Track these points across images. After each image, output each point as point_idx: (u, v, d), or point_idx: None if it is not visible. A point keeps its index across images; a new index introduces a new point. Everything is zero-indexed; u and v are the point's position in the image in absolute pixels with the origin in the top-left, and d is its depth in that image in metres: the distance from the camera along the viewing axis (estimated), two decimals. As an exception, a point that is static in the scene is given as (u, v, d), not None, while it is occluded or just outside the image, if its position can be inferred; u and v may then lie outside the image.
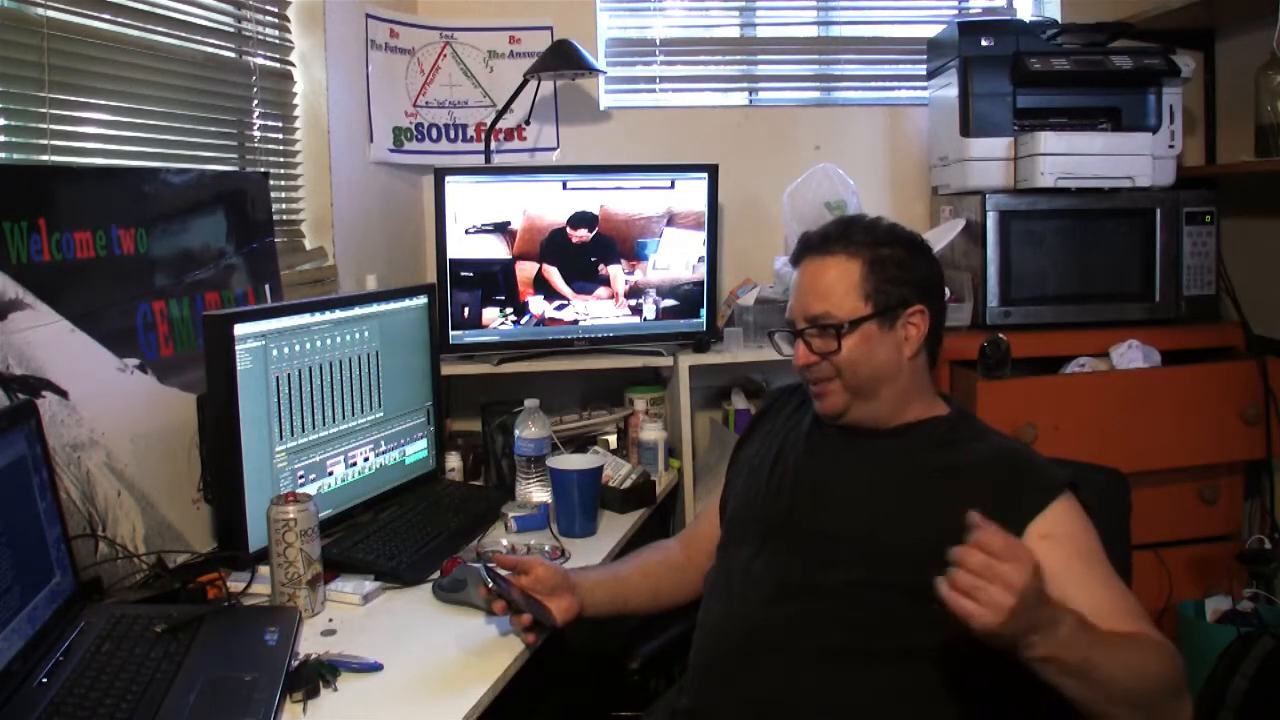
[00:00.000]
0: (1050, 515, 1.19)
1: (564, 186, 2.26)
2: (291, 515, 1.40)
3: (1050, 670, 1.02)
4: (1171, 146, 2.36)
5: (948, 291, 2.27)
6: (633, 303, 2.33)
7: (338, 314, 1.75)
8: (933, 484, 1.26)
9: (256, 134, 2.03)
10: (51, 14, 1.47)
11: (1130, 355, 2.19)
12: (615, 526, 1.87)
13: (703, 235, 2.33)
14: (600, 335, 2.32)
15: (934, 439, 1.32)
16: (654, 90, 2.74)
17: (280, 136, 2.12)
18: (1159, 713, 1.08)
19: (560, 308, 2.29)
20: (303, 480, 1.66)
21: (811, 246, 1.37)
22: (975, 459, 1.27)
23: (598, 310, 2.31)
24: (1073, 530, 1.19)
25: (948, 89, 2.43)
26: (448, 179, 2.18)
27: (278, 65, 2.12)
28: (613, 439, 2.30)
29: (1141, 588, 1.38)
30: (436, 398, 2.04)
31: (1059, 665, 1.02)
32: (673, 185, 2.30)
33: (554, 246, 2.26)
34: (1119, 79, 2.32)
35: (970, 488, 1.23)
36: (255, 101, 2.02)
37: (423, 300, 2.00)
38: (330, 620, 1.41)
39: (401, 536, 1.68)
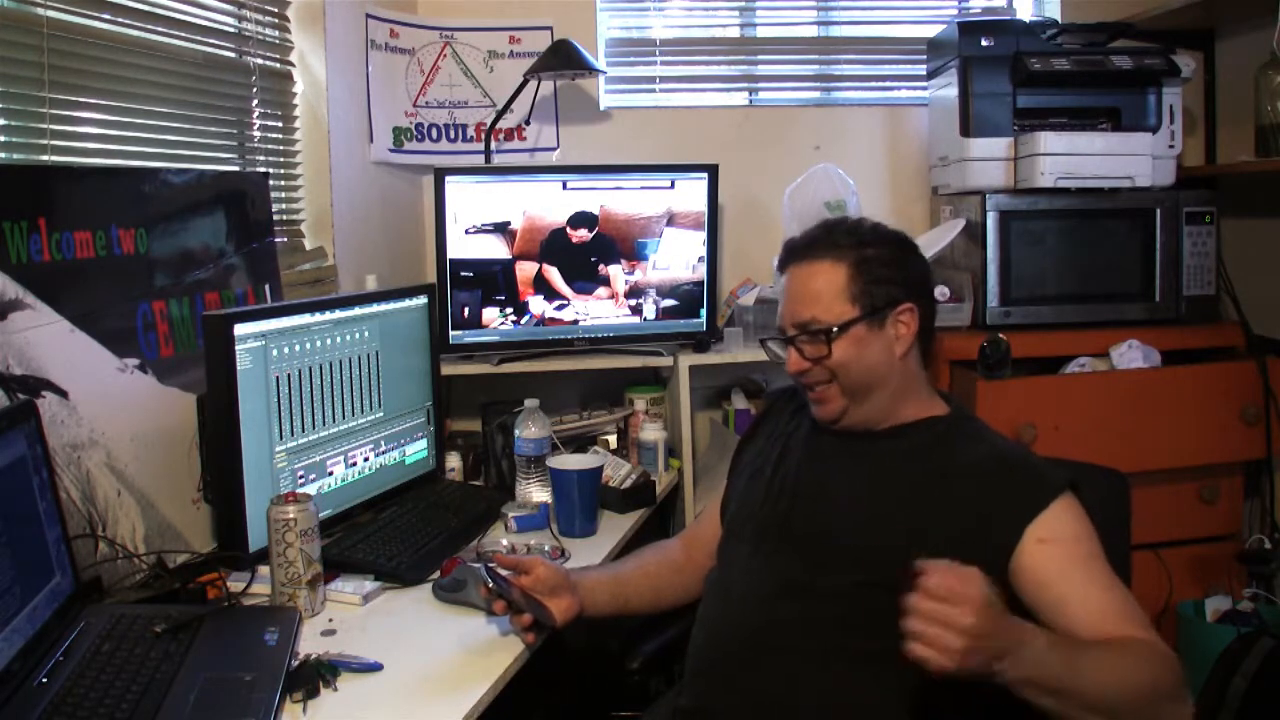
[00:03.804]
0: (1048, 517, 1.18)
1: (564, 186, 2.26)
2: (291, 515, 1.40)
3: (1029, 692, 1.03)
4: (1171, 146, 2.36)
5: (947, 291, 2.28)
6: (633, 303, 2.33)
7: (338, 314, 1.75)
8: (931, 485, 1.26)
9: (256, 134, 2.03)
10: (51, 14, 1.47)
11: (1130, 355, 2.19)
12: (615, 526, 1.87)
13: (703, 235, 2.33)
14: (600, 335, 2.32)
15: (932, 439, 1.32)
16: (654, 90, 2.74)
17: (280, 136, 2.12)
18: (1160, 713, 1.07)
19: (560, 308, 2.29)
20: (303, 480, 1.66)
21: (796, 252, 1.36)
22: (973, 460, 1.27)
23: (598, 310, 2.31)
24: (1071, 533, 1.18)
25: (948, 89, 2.43)
26: (448, 179, 2.18)
27: (278, 65, 2.12)
28: (613, 439, 2.30)
29: (1141, 588, 1.39)
30: (436, 398, 2.04)
31: (1036, 687, 1.02)
32: (673, 185, 2.30)
33: (554, 246, 2.26)
34: (1119, 79, 2.32)
35: (967, 489, 1.23)
36: (255, 101, 2.02)
37: (423, 300, 2.00)
38: (330, 620, 1.41)
39: (401, 536, 1.68)
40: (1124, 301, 2.32)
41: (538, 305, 2.27)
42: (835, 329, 1.29)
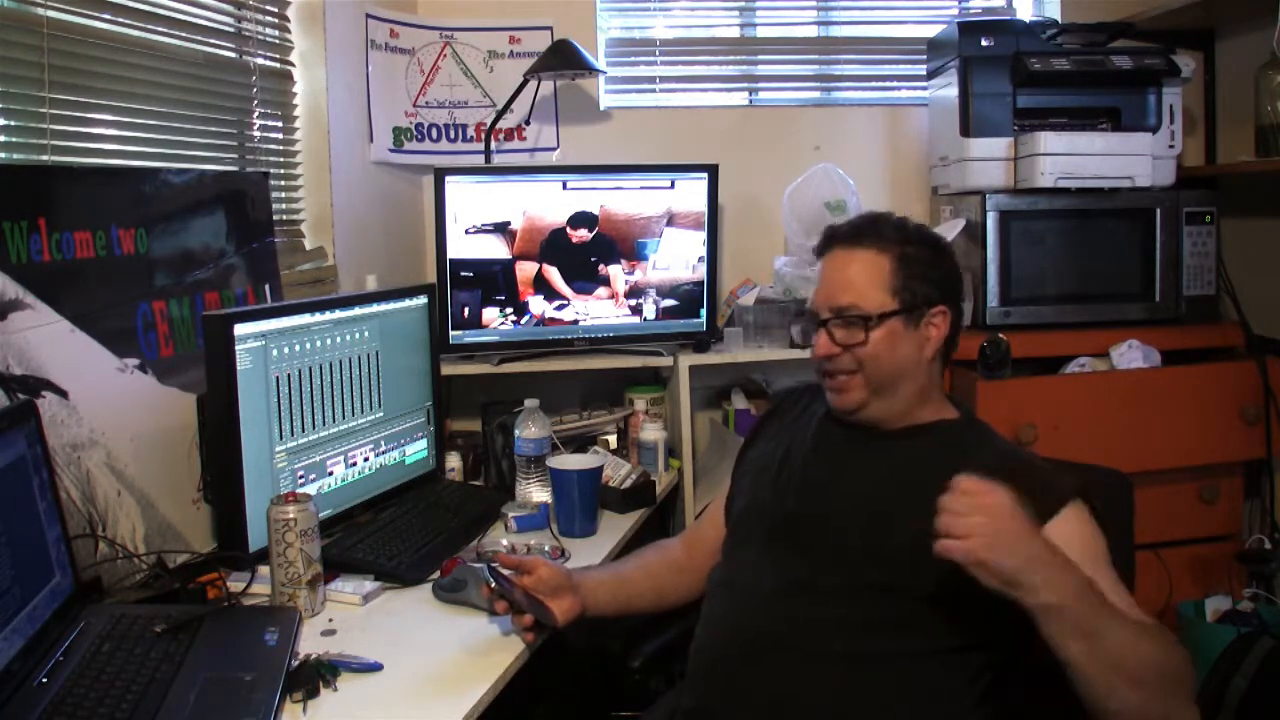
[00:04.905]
0: (1058, 524, 1.17)
1: (564, 186, 2.26)
2: (291, 515, 1.39)
3: (1058, 627, 1.01)
4: (1171, 146, 2.36)
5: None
6: (633, 303, 2.33)
7: (338, 314, 1.75)
8: (939, 489, 1.25)
9: (256, 134, 2.03)
10: (51, 14, 1.47)
11: (1130, 355, 2.19)
12: (615, 526, 1.87)
13: (703, 235, 2.33)
14: (600, 335, 2.32)
15: (943, 443, 1.31)
16: (654, 90, 2.74)
17: (280, 136, 2.12)
18: (1173, 707, 1.05)
19: (560, 308, 2.29)
20: (303, 480, 1.66)
21: (840, 238, 1.36)
22: (983, 466, 1.26)
23: (598, 310, 2.31)
24: (1081, 539, 1.17)
25: (948, 89, 2.43)
26: (448, 179, 2.18)
27: (278, 65, 2.12)
28: (613, 439, 2.30)
29: (1142, 588, 1.38)
30: (436, 398, 2.04)
31: (1070, 621, 1.01)
32: (673, 185, 2.30)
33: (554, 246, 2.26)
34: (1119, 79, 2.32)
35: None
36: (255, 101, 2.02)
37: (423, 300, 2.00)
38: (330, 620, 1.41)
39: (401, 536, 1.68)
40: (1124, 301, 2.32)
41: (538, 305, 2.27)
42: (874, 318, 1.29)
